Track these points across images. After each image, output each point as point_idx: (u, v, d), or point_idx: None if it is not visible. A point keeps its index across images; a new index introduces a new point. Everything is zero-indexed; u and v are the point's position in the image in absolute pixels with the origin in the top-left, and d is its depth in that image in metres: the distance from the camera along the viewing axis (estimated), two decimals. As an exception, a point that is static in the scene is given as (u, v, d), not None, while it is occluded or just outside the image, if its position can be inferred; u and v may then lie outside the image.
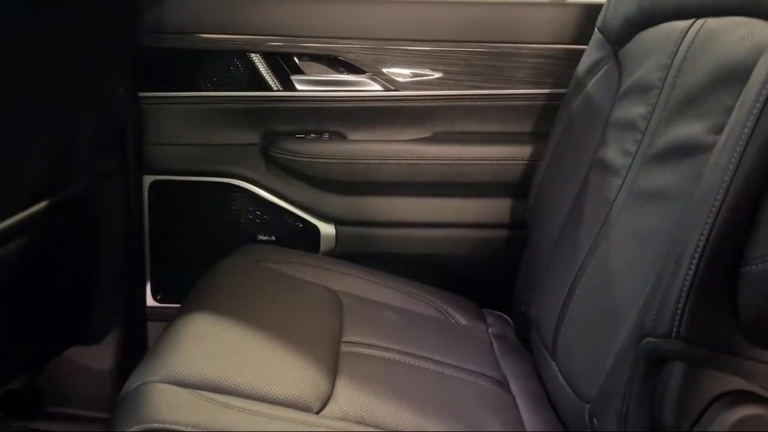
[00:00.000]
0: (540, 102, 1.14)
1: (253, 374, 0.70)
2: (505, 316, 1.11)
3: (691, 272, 0.57)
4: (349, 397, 0.72)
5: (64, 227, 0.97)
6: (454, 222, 1.19)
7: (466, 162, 1.15)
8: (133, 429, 0.60)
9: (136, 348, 1.23)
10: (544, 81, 1.14)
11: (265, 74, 1.15)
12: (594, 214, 0.87)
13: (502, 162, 1.14)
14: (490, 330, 1.05)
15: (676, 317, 0.58)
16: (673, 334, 0.58)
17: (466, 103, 1.16)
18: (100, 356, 1.23)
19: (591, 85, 0.99)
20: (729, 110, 0.61)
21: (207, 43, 1.13)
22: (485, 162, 1.14)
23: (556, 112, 1.07)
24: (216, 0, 1.14)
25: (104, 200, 1.12)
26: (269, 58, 1.14)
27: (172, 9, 1.12)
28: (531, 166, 1.12)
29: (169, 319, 0.98)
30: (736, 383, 0.60)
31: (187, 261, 1.21)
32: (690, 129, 0.70)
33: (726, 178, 0.55)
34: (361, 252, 1.19)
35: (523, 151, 1.13)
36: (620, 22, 0.94)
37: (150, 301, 1.23)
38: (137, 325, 1.23)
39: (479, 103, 1.16)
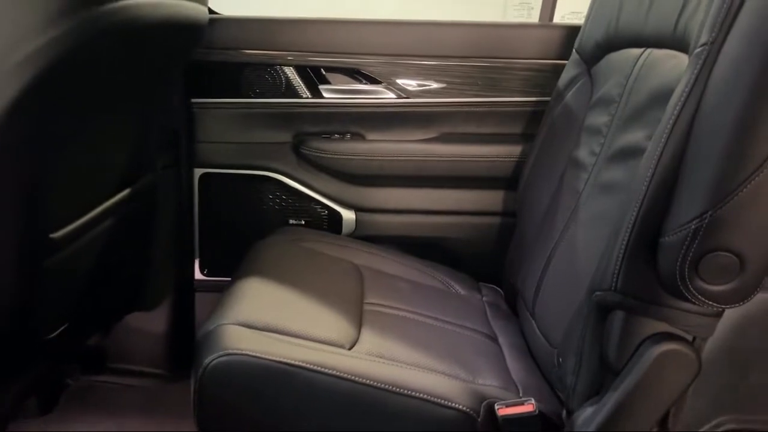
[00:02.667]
0: (528, 108, 1.33)
1: (299, 321, 0.91)
2: (497, 288, 1.31)
3: (624, 242, 0.77)
4: (371, 341, 0.94)
5: (135, 211, 1.18)
6: (455, 210, 1.38)
7: (465, 159, 1.35)
8: (216, 354, 0.81)
9: (185, 314, 1.44)
10: (531, 91, 1.32)
11: (296, 84, 1.34)
12: (567, 203, 1.08)
13: (495, 159, 1.33)
14: (484, 299, 1.25)
15: (614, 275, 0.78)
16: (612, 287, 0.79)
17: (466, 109, 1.34)
18: (154, 321, 1.43)
19: (569, 96, 1.19)
20: (659, 122, 0.82)
21: (248, 57, 1.32)
22: (482, 159, 1.34)
23: (541, 118, 1.26)
24: (256, 21, 1.33)
25: (162, 189, 1.32)
26: (300, 70, 1.33)
27: (220, 28, 1.30)
28: (520, 163, 1.32)
29: (213, 290, 1.18)
30: (660, 326, 0.80)
31: (229, 241, 1.40)
32: (635, 136, 0.90)
33: (649, 173, 0.76)
34: (377, 234, 1.39)
35: (514, 150, 1.33)
36: (592, 45, 1.14)
37: (198, 275, 1.42)
38: (186, 295, 1.43)
39: (477, 109, 1.34)
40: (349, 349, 0.90)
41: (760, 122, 0.66)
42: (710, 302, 0.74)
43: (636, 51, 0.99)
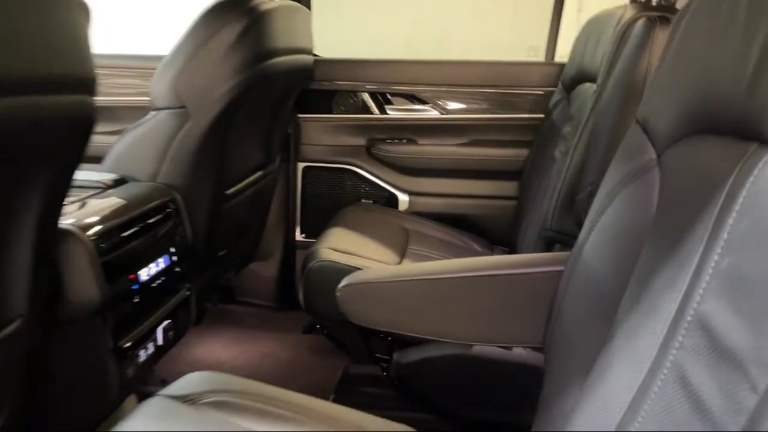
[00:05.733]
0: (531, 123, 1.85)
1: (364, 250, 1.49)
2: (506, 249, 1.85)
3: (556, 199, 1.30)
4: (411, 263, 1.50)
5: (262, 188, 1.80)
6: (477, 194, 1.92)
7: (487, 158, 1.89)
8: (315, 261, 1.40)
9: (289, 264, 2.06)
10: (534, 110, 1.85)
11: (370, 105, 1.93)
12: (545, 185, 1.60)
13: (506, 158, 1.87)
14: (494, 254, 1.79)
15: (551, 219, 1.31)
16: (549, 227, 1.32)
17: (488, 123, 1.89)
18: (268, 268, 2.05)
19: (555, 114, 1.71)
20: (584, 131, 1.34)
21: (337, 86, 1.93)
22: (498, 158, 1.88)
23: (538, 129, 1.80)
24: (343, 61, 1.94)
25: (279, 176, 1.95)
26: (373, 95, 1.92)
27: (319, 66, 1.89)
28: (523, 161, 1.85)
29: (309, 247, 1.77)
30: (581, 253, 1.32)
31: (321, 212, 1.98)
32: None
33: (569, 159, 1.29)
34: (422, 211, 1.94)
35: (520, 152, 1.85)
36: (569, 79, 1.66)
37: (298, 236, 2.04)
38: (290, 251, 2.05)
39: (496, 122, 1.88)
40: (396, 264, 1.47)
41: (619, 132, 1.18)
42: (603, 236, 1.25)
43: (590, 84, 1.52)
